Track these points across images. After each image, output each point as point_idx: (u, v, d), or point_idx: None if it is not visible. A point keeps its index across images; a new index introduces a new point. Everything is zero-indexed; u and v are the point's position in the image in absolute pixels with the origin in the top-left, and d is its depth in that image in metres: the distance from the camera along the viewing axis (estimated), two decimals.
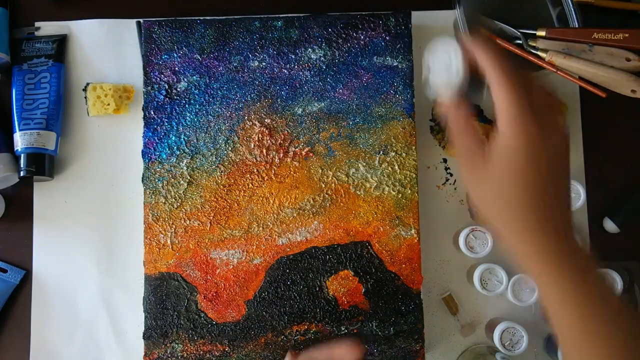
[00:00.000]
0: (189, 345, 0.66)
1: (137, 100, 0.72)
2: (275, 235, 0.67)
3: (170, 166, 0.68)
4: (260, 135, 0.69)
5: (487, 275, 0.66)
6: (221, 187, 0.68)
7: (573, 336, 0.43)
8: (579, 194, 0.67)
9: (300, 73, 0.69)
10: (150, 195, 0.67)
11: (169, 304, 0.66)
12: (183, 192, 0.68)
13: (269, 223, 0.67)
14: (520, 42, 0.68)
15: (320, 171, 0.68)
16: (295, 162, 0.68)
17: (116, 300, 0.71)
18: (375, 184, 0.68)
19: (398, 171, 0.68)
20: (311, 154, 0.68)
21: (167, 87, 0.69)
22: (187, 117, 0.69)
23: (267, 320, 0.66)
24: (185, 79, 0.69)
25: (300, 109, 0.69)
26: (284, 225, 0.67)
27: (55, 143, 0.70)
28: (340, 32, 0.70)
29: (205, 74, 0.69)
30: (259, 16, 0.70)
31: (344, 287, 0.67)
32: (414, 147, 0.68)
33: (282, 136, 0.69)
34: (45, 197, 0.72)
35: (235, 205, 0.68)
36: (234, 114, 0.69)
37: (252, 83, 0.69)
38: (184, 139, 0.68)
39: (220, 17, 0.70)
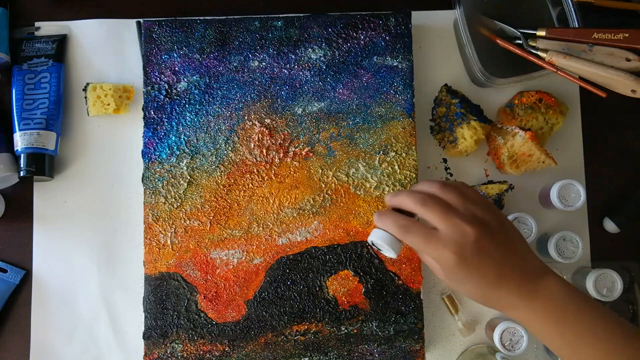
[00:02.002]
0: (189, 345, 0.66)
1: (137, 100, 0.72)
2: (275, 235, 0.67)
3: (170, 166, 0.68)
4: (260, 135, 0.69)
5: None
6: (221, 187, 0.68)
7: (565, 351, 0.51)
8: (579, 194, 0.67)
9: (300, 73, 0.69)
10: (150, 195, 0.67)
11: (169, 304, 0.66)
12: (183, 192, 0.68)
13: (269, 223, 0.67)
14: (520, 42, 0.68)
15: (320, 171, 0.68)
16: (295, 162, 0.68)
17: (116, 300, 0.71)
18: (375, 184, 0.68)
19: (398, 171, 0.68)
20: (311, 154, 0.68)
21: (167, 87, 0.69)
22: (187, 117, 0.69)
23: (267, 320, 0.66)
24: (185, 79, 0.69)
25: (300, 109, 0.69)
26: (284, 225, 0.67)
27: (55, 143, 0.70)
28: (340, 32, 0.70)
29: (205, 74, 0.69)
30: (259, 16, 0.70)
31: (344, 287, 0.67)
32: (414, 147, 0.68)
33: (282, 136, 0.69)
34: (45, 197, 0.72)
35: (235, 205, 0.68)
36: (234, 114, 0.69)
37: (252, 83, 0.69)
38: (184, 139, 0.68)
39: (220, 17, 0.70)
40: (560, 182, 0.67)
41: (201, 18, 0.70)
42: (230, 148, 0.68)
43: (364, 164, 0.68)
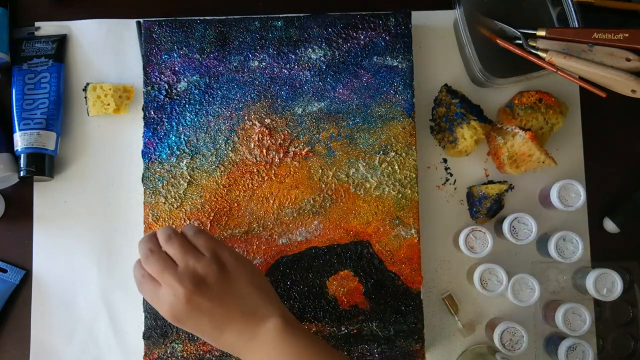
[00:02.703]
0: (189, 345, 0.66)
1: (137, 100, 0.72)
2: (275, 235, 0.67)
3: (170, 166, 0.68)
4: (260, 135, 0.69)
5: (487, 275, 0.66)
6: (221, 187, 0.68)
7: None
8: (579, 194, 0.67)
9: (300, 73, 0.69)
10: (150, 195, 0.67)
11: None
12: (183, 192, 0.68)
13: (269, 223, 0.67)
14: (520, 42, 0.68)
15: (320, 171, 0.68)
16: (295, 162, 0.68)
17: (116, 300, 0.71)
18: (375, 184, 0.68)
19: (398, 171, 0.68)
20: (311, 154, 0.68)
21: (167, 87, 0.69)
22: (187, 117, 0.69)
23: None
24: (185, 79, 0.69)
25: (300, 109, 0.69)
26: (284, 225, 0.67)
27: (55, 143, 0.70)
28: (340, 32, 0.70)
29: (205, 74, 0.69)
30: (259, 16, 0.70)
31: (344, 287, 0.67)
32: (414, 147, 0.68)
33: (282, 136, 0.69)
34: (45, 197, 0.72)
35: (235, 205, 0.68)
36: (234, 114, 0.69)
37: (252, 83, 0.69)
38: (184, 139, 0.68)
39: (220, 17, 0.70)
40: (560, 182, 0.67)
41: (201, 18, 0.70)
42: (230, 148, 0.68)
43: (364, 164, 0.68)
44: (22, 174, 0.69)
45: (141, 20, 0.71)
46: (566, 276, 0.71)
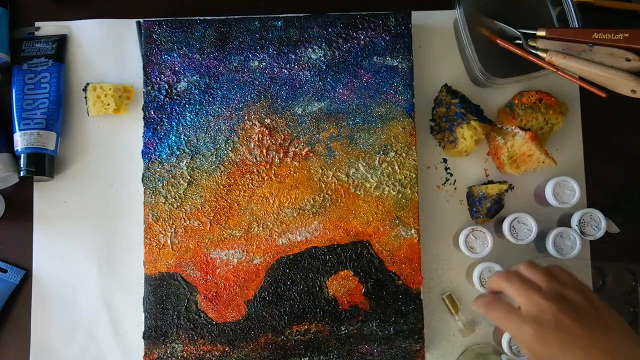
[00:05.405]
0: (189, 345, 0.66)
1: (137, 100, 0.72)
2: (275, 235, 0.67)
3: (170, 166, 0.68)
4: (260, 135, 0.69)
5: (486, 274, 0.66)
6: (221, 187, 0.68)
7: None
8: (574, 190, 0.66)
9: (300, 73, 0.69)
10: (150, 195, 0.67)
11: (169, 304, 0.66)
12: (183, 192, 0.68)
13: (269, 223, 0.67)
14: (520, 42, 0.68)
15: (320, 171, 0.68)
16: (295, 162, 0.68)
17: (116, 300, 0.71)
18: (375, 184, 0.68)
19: (398, 171, 0.68)
20: (311, 154, 0.68)
21: (167, 87, 0.69)
22: (187, 117, 0.69)
23: (267, 320, 0.66)
24: (185, 79, 0.69)
25: (300, 109, 0.69)
26: (284, 225, 0.67)
27: (55, 143, 0.70)
28: (340, 32, 0.70)
29: (205, 74, 0.69)
30: (259, 16, 0.70)
31: (344, 287, 0.67)
32: (414, 147, 0.68)
33: (282, 136, 0.69)
34: (45, 197, 0.72)
35: (235, 205, 0.68)
36: (234, 114, 0.69)
37: (252, 83, 0.69)
38: (184, 139, 0.68)
39: (220, 17, 0.70)
40: (555, 179, 0.67)
41: (201, 18, 0.70)
42: (230, 148, 0.68)
43: (364, 164, 0.68)
44: (22, 174, 0.69)
45: (141, 20, 0.71)
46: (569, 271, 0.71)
